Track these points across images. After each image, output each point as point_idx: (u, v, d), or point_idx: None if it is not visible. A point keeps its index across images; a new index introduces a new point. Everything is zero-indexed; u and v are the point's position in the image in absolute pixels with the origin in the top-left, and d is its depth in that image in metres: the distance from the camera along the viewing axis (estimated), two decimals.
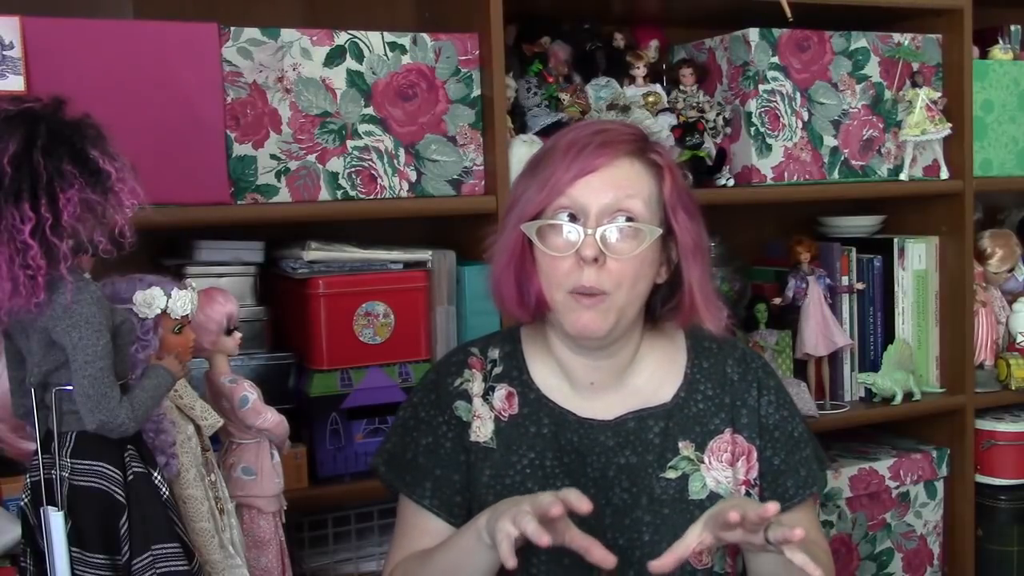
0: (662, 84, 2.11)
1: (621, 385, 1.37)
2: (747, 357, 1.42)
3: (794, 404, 1.45)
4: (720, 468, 1.35)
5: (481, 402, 1.38)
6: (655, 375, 1.38)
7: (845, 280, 2.24)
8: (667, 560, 1.19)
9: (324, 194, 1.74)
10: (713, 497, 1.33)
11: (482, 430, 1.36)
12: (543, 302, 1.31)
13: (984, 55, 2.37)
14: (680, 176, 1.34)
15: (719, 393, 1.37)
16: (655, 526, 1.32)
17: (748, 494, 1.36)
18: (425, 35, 1.80)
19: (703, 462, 1.34)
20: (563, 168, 1.26)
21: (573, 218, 1.27)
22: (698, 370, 1.39)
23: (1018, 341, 2.40)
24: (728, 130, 2.11)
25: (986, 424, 2.33)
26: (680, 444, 1.35)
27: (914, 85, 2.19)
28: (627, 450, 1.34)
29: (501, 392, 1.38)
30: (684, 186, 1.34)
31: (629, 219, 1.26)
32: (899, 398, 2.22)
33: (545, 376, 1.39)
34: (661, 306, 1.35)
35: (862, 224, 2.38)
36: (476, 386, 1.39)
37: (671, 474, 1.34)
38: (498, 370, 1.40)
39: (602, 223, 1.25)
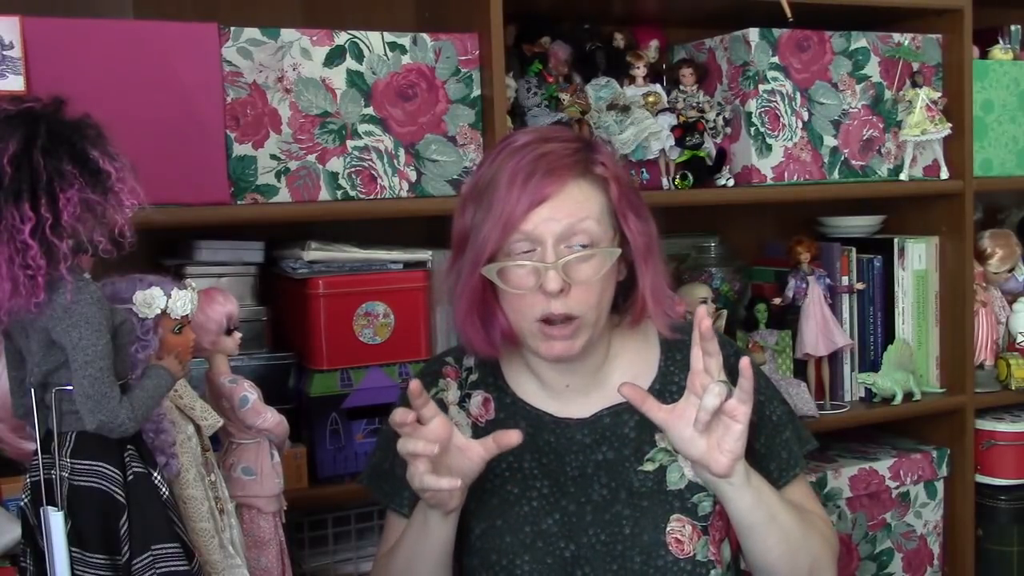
0: (662, 84, 2.11)
1: (596, 384, 1.38)
2: (720, 345, 1.42)
3: (773, 389, 1.46)
4: None
5: (457, 410, 1.40)
6: (629, 370, 1.39)
7: (845, 280, 2.23)
8: (636, 392, 1.25)
9: (324, 194, 1.74)
10: (692, 487, 1.34)
11: None
12: (509, 335, 1.32)
13: (984, 55, 2.37)
14: (625, 178, 1.34)
15: None
16: (635, 519, 1.33)
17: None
18: (425, 35, 1.80)
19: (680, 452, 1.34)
20: (512, 201, 1.25)
21: (528, 249, 1.26)
22: (672, 362, 1.40)
23: (1018, 341, 2.40)
24: (728, 130, 2.11)
25: (986, 424, 2.33)
26: (656, 436, 1.35)
27: (914, 85, 2.19)
28: (604, 446, 1.35)
29: (477, 399, 1.40)
30: (630, 186, 1.34)
31: (586, 243, 1.26)
32: (899, 398, 2.22)
33: (520, 380, 1.40)
34: (623, 301, 1.36)
35: (862, 224, 2.38)
36: (451, 394, 1.40)
37: (649, 467, 1.35)
38: (474, 377, 1.41)
39: (561, 253, 1.25)
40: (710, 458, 1.23)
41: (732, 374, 1.40)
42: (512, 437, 1.21)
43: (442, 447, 1.19)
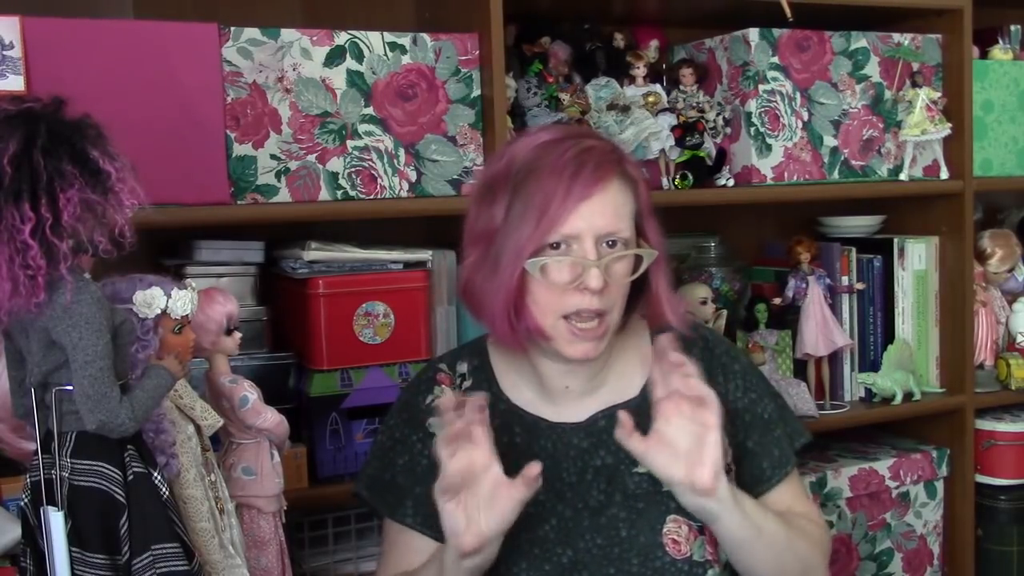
0: (662, 84, 2.11)
1: (593, 387, 1.37)
2: (710, 345, 1.43)
3: (765, 385, 1.45)
4: None
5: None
6: (624, 373, 1.39)
7: (845, 280, 2.23)
8: (627, 423, 1.22)
9: (324, 194, 1.74)
10: None
11: None
12: (535, 329, 1.29)
13: (984, 55, 2.37)
14: (647, 182, 1.35)
15: None
16: (631, 521, 1.33)
17: None
18: (425, 35, 1.80)
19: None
20: (560, 195, 1.23)
21: (563, 244, 1.25)
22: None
23: (1018, 341, 2.40)
24: (728, 130, 2.11)
25: (986, 424, 2.33)
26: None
27: (914, 85, 2.19)
28: (601, 450, 1.35)
29: None
30: (649, 191, 1.35)
31: (615, 242, 1.27)
32: (899, 398, 2.22)
33: (515, 386, 1.39)
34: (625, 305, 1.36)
35: (862, 224, 2.38)
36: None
37: (644, 468, 1.34)
38: (467, 384, 1.40)
39: (602, 251, 1.25)
40: (693, 475, 1.20)
41: (726, 372, 1.41)
42: (532, 469, 1.19)
43: (471, 477, 1.18)
